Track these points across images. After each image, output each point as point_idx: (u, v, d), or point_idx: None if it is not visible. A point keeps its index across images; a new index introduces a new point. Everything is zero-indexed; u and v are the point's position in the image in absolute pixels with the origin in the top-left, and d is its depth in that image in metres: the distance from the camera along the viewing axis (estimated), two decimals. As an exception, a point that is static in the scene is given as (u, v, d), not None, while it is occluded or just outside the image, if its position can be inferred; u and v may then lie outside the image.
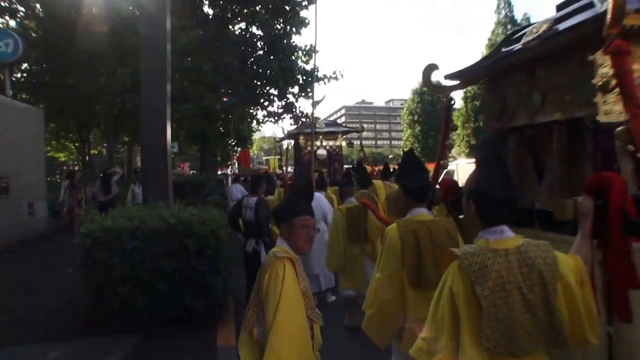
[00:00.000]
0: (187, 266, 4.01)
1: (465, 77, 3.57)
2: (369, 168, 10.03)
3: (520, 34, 3.11)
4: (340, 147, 9.72)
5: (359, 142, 9.53)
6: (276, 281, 1.67)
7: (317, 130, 9.44)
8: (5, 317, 4.32)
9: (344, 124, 15.26)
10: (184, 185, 8.49)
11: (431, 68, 3.36)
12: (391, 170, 7.68)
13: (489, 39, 39.15)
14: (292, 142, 11.53)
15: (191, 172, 33.18)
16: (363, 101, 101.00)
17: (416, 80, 50.31)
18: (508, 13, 37.49)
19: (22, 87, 14.43)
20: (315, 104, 10.28)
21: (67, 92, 14.92)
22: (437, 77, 3.46)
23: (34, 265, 6.78)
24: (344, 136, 10.25)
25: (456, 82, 3.31)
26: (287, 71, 13.01)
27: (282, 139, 10.64)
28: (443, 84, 3.51)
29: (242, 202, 4.88)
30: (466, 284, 1.31)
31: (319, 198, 5.43)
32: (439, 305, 1.37)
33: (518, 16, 38.35)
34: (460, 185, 3.64)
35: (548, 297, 1.30)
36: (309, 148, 9.47)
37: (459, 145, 42.91)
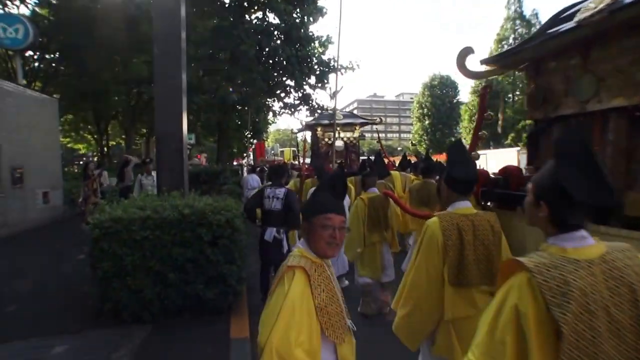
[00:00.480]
0: (201, 256, 3.83)
1: (503, 61, 3.26)
2: (385, 159, 9.72)
3: (569, 12, 2.79)
4: (357, 138, 9.44)
5: (371, 134, 9.12)
6: (278, 296, 1.40)
7: (337, 121, 9.17)
8: (12, 307, 4.21)
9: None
10: (199, 175, 8.33)
11: (467, 52, 3.07)
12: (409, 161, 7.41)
13: (498, 34, 38.66)
14: (309, 133, 11.28)
15: (208, 164, 33.35)
16: (375, 95, 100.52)
17: (426, 75, 49.80)
18: (518, 9, 37.44)
19: (36, 76, 14.43)
20: (334, 95, 10.03)
21: (82, 81, 14.91)
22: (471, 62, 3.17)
23: (46, 252, 6.72)
24: (361, 128, 9.94)
25: (492, 68, 2.99)
26: (303, 61, 12.71)
27: (299, 130, 10.39)
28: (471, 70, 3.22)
29: (263, 193, 4.69)
30: (539, 305, 1.05)
31: None
32: (498, 325, 1.10)
33: (527, 12, 38.53)
34: (491, 174, 3.46)
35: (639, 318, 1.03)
36: (326, 139, 9.22)
37: (466, 138, 42.50)
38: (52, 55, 14.38)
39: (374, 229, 4.11)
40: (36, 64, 15.18)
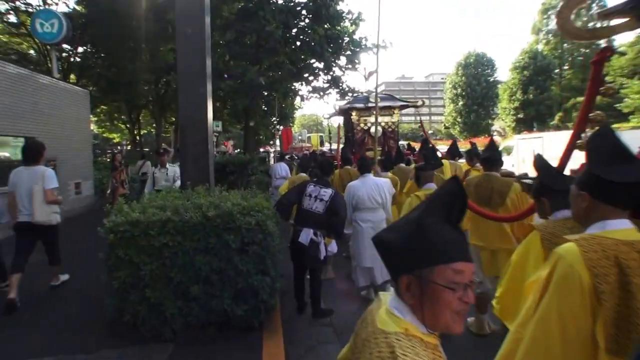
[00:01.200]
0: (228, 265, 3.30)
1: None
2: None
3: None
4: (395, 123, 8.63)
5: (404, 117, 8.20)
6: None
7: (371, 104, 8.40)
8: (27, 315, 3.86)
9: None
10: (226, 165, 7.84)
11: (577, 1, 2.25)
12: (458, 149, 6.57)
13: (543, 3, 35.89)
14: (341, 119, 10.63)
15: (235, 151, 33.42)
16: (403, 76, 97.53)
17: (460, 53, 47.36)
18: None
19: (70, 69, 14.45)
20: (369, 75, 9.24)
21: (112, 72, 14.79)
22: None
23: (71, 248, 6.44)
24: (400, 111, 9.11)
25: (621, 20, 2.16)
26: (333, 41, 11.88)
27: (331, 116, 9.68)
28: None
29: (304, 189, 4.11)
30: None
31: (383, 184, 4.60)
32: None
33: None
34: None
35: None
36: (362, 125, 8.48)
37: (504, 120, 40.11)
38: (84, 48, 14.31)
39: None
40: (71, 58, 15.21)
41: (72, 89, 9.78)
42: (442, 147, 17.06)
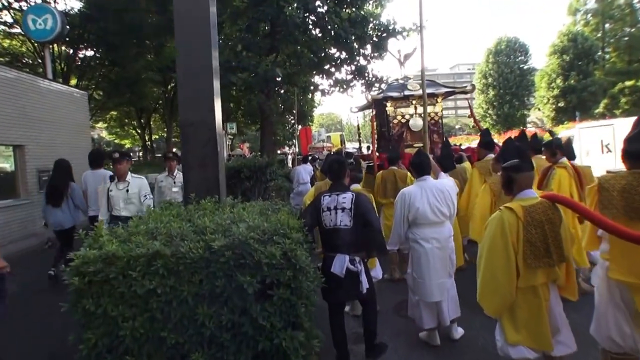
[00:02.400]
0: (243, 319, 2.37)
1: None
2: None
3: None
4: (439, 114, 7.57)
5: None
6: None
7: (410, 92, 7.40)
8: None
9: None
10: (241, 170, 6.97)
11: None
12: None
13: None
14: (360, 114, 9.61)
15: (252, 154, 32.92)
16: (426, 69, 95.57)
17: (491, 40, 45.57)
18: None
19: (70, 71, 13.93)
20: (406, 58, 8.23)
21: (114, 71, 14.24)
22: None
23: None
24: (445, 98, 8.04)
25: None
26: (357, 25, 10.87)
27: (362, 108, 8.68)
28: None
29: (319, 204, 3.22)
30: None
31: (449, 189, 3.62)
32: None
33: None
34: None
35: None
36: (399, 117, 7.46)
37: (542, 110, 38.06)
38: (83, 46, 13.77)
39: (535, 261, 2.39)
40: (72, 61, 14.73)
41: (67, 91, 9.13)
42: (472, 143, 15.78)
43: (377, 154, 6.89)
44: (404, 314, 3.99)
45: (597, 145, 11.26)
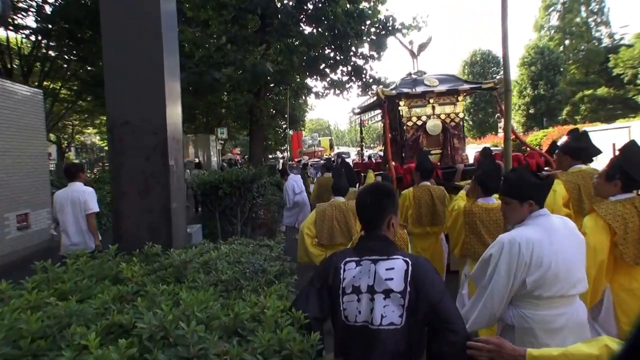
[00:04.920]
0: None
1: None
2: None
3: None
4: (460, 115, 5.63)
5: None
6: None
7: (428, 89, 5.40)
8: None
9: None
10: (219, 186, 4.80)
11: None
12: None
13: (544, 0, 34.42)
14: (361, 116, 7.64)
15: (243, 158, 30.60)
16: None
17: (466, 51, 44.87)
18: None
19: (30, 70, 11.30)
20: (421, 48, 6.26)
21: (84, 70, 11.81)
22: None
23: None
24: (467, 95, 6.09)
25: None
26: (355, 19, 8.84)
27: (369, 107, 6.65)
28: None
29: (335, 280, 1.27)
30: None
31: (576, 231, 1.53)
32: None
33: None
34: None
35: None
36: (414, 118, 5.44)
37: (513, 117, 37.19)
38: (46, 42, 11.16)
39: None
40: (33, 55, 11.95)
41: (12, 89, 6.76)
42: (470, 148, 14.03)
43: (393, 162, 4.90)
44: None
45: (610, 149, 9.54)
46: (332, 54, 10.21)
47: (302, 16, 8.51)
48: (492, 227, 2.89)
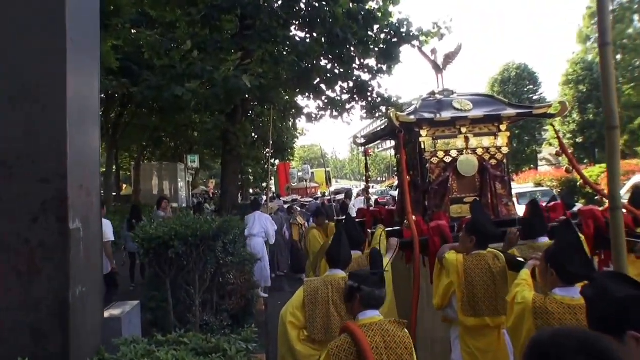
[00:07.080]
0: None
1: None
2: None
3: None
4: (502, 149, 5.13)
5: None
6: None
7: (459, 114, 4.95)
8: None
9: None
10: (169, 243, 4.13)
11: None
12: None
13: (589, 7, 35.12)
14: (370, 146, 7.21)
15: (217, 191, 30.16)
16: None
17: (497, 66, 45.70)
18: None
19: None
20: (448, 60, 5.86)
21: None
22: None
23: None
24: (512, 123, 5.64)
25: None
26: (359, 22, 8.59)
27: (377, 137, 6.13)
28: None
29: None
30: None
31: None
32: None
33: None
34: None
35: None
36: (440, 154, 4.92)
37: (555, 146, 37.30)
38: None
39: None
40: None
41: None
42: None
43: (414, 216, 4.28)
44: None
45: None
46: (329, 66, 9.87)
47: (291, 18, 8.24)
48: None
